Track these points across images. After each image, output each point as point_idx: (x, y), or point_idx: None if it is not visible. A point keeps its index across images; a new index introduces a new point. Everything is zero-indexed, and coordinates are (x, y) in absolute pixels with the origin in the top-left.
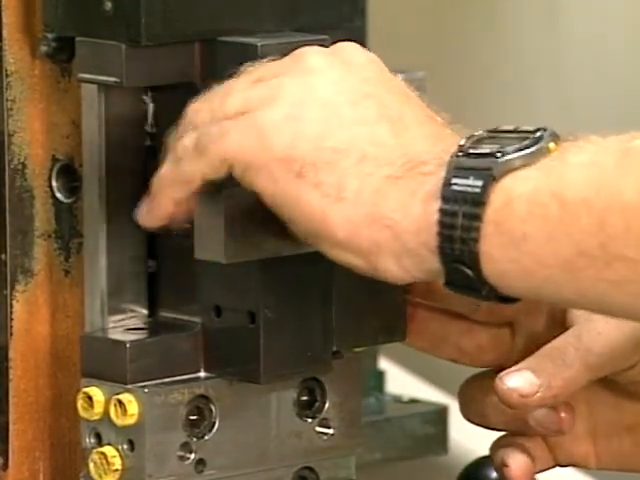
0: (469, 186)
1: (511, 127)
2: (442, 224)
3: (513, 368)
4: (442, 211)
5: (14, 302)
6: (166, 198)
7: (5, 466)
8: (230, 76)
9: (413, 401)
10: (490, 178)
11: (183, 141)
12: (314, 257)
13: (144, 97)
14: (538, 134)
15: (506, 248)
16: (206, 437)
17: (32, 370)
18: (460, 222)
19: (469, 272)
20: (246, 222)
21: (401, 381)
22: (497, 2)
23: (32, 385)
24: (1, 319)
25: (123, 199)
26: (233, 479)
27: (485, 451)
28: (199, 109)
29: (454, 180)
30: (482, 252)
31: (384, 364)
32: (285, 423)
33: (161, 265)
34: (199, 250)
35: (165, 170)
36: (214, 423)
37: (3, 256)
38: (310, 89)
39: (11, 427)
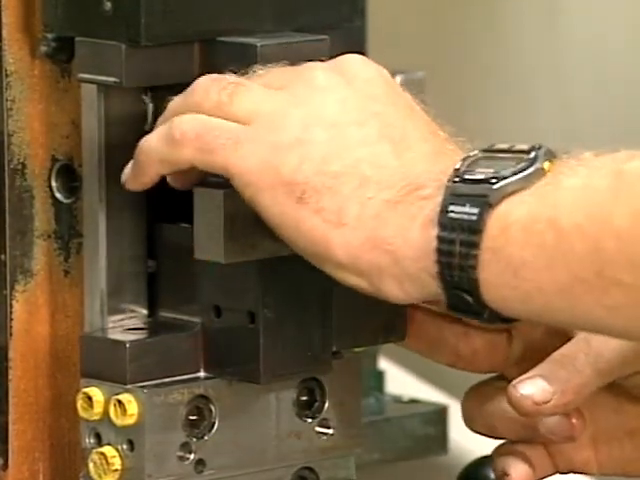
0: (465, 213)
1: (506, 146)
2: (440, 251)
3: (525, 375)
4: (440, 238)
5: (14, 302)
6: (152, 170)
7: (5, 466)
8: (233, 72)
9: (413, 401)
10: (486, 205)
11: (184, 123)
12: None
13: (144, 97)
14: (532, 154)
15: (504, 275)
16: (206, 437)
17: (32, 370)
18: (458, 250)
19: (469, 298)
20: (246, 222)
21: (401, 381)
22: (497, 2)
23: (32, 385)
24: (1, 319)
25: (123, 199)
26: (233, 479)
27: (485, 451)
28: (209, 91)
29: (451, 207)
30: (481, 279)
31: (384, 364)
32: (285, 423)
33: (161, 265)
34: (198, 250)
35: (158, 144)
36: (214, 423)
37: (3, 256)
38: (317, 109)
39: (11, 427)
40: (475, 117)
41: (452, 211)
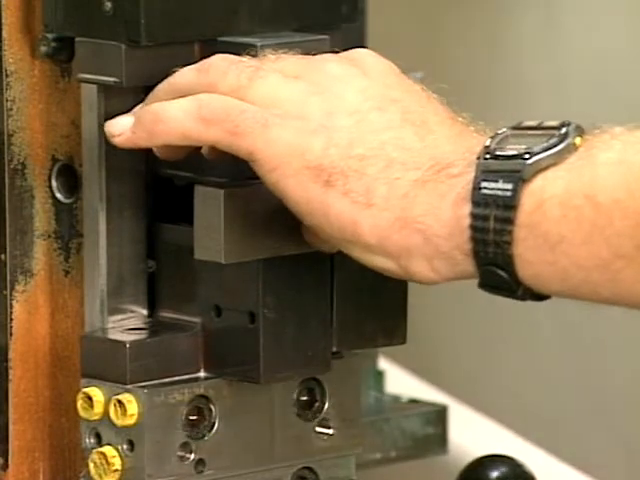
0: (499, 189)
1: (534, 123)
2: (474, 228)
3: None
4: (473, 215)
5: (14, 302)
6: (166, 140)
7: (5, 466)
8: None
9: (412, 401)
10: (520, 181)
11: (214, 102)
12: (314, 257)
13: (144, 97)
14: (563, 130)
15: (541, 251)
16: (206, 437)
17: (32, 370)
18: (492, 226)
19: (504, 274)
20: (246, 222)
21: (400, 381)
22: (496, 2)
23: (32, 385)
24: (1, 319)
25: (123, 199)
26: (233, 479)
27: (485, 451)
28: (226, 73)
29: (483, 184)
30: (516, 255)
31: (383, 364)
32: (285, 423)
33: (161, 265)
34: (199, 250)
35: (184, 118)
36: (214, 423)
37: (3, 256)
38: (338, 98)
39: (11, 427)
40: (474, 117)
41: (485, 187)
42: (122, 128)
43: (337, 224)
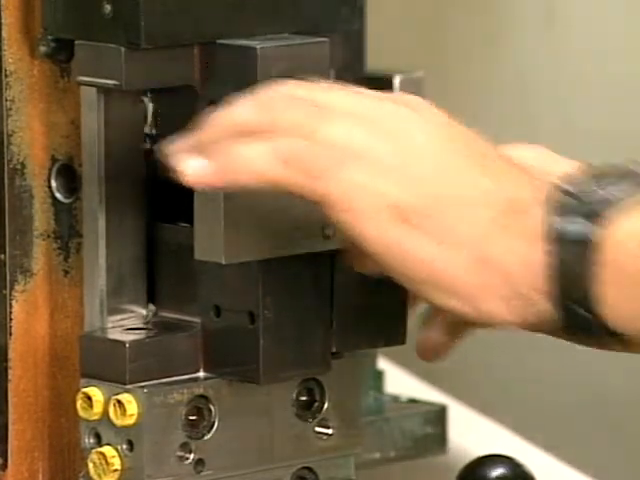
0: (577, 229)
1: (605, 165)
2: (552, 267)
3: None
4: (551, 254)
5: (13, 302)
6: (236, 184)
7: (4, 466)
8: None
9: (412, 401)
10: (598, 219)
11: (291, 144)
12: (314, 257)
13: (143, 98)
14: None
15: (623, 287)
16: (205, 437)
17: (31, 370)
18: (572, 265)
19: (585, 314)
20: (246, 222)
21: (400, 381)
22: (496, 3)
23: (31, 385)
24: (0, 319)
25: (122, 199)
26: (232, 479)
27: (485, 451)
28: (291, 111)
29: (560, 222)
30: (597, 293)
31: (383, 364)
32: (284, 423)
33: (161, 265)
34: (199, 250)
35: (259, 160)
36: (213, 423)
37: (2, 256)
38: (407, 139)
39: (10, 427)
40: (474, 117)
41: (562, 226)
42: (194, 169)
43: (413, 264)
